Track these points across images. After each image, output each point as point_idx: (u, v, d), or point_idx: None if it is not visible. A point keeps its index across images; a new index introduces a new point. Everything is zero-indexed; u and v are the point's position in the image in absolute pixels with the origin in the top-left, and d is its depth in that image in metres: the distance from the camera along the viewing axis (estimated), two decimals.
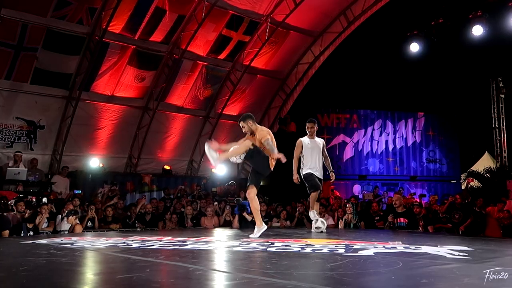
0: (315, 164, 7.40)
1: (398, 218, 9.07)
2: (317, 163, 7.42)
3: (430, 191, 17.05)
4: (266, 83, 16.03)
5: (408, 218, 9.07)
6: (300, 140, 7.52)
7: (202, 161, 15.72)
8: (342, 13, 14.84)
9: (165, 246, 5.35)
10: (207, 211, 10.49)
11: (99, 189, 12.53)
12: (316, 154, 7.43)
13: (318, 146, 7.49)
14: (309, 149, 7.42)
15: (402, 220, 9.06)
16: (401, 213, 9.10)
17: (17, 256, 4.94)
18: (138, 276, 3.41)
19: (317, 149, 7.46)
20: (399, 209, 9.12)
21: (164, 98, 14.22)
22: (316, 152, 7.43)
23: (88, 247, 5.38)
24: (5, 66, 11.67)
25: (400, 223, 9.03)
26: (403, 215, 9.08)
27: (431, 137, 18.23)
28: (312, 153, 7.41)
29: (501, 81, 17.28)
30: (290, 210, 11.03)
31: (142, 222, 10.10)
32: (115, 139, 14.07)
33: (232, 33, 13.92)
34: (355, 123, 17.30)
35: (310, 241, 5.63)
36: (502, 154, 17.27)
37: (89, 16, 11.85)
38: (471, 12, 13.02)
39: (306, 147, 7.42)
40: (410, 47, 14.21)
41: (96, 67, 12.72)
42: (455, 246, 5.00)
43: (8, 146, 12.30)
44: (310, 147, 7.42)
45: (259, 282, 3.19)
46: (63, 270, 3.81)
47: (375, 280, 3.40)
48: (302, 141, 7.49)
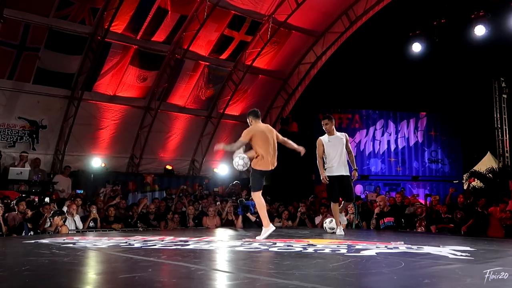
0: (337, 160, 7.11)
1: (385, 217, 9.27)
2: (339, 159, 7.12)
3: (432, 191, 17.01)
4: (268, 83, 16.03)
5: (395, 216, 9.31)
6: (319, 139, 7.27)
7: (204, 161, 15.74)
8: (344, 13, 14.82)
9: (167, 246, 5.36)
10: (209, 211, 10.48)
11: (101, 189, 12.53)
12: (337, 150, 7.14)
13: (341, 141, 7.18)
14: (329, 146, 7.17)
15: (389, 219, 9.25)
16: (387, 213, 9.38)
17: (19, 256, 4.95)
18: (140, 275, 3.41)
19: (339, 145, 7.15)
20: (384, 209, 9.40)
21: (166, 98, 14.23)
22: (338, 148, 7.14)
23: (90, 246, 5.39)
24: (8, 66, 11.68)
25: (387, 222, 9.22)
26: (389, 214, 9.32)
27: (433, 137, 18.21)
28: (333, 149, 7.14)
29: (504, 81, 17.28)
30: (292, 210, 11.02)
31: (144, 222, 10.10)
32: (117, 139, 14.08)
33: (234, 33, 13.92)
34: (357, 123, 17.28)
35: (312, 241, 5.64)
36: (505, 154, 17.25)
37: (91, 16, 11.86)
38: (474, 12, 12.99)
39: (327, 145, 7.19)
40: (413, 47, 14.18)
41: (98, 67, 12.74)
42: (458, 246, 5.00)
43: (11, 146, 12.32)
44: (331, 144, 7.17)
45: (261, 282, 3.19)
46: (65, 270, 3.82)
47: (378, 280, 3.39)
48: (321, 140, 7.25)
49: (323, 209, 10.79)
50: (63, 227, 8.48)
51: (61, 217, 8.50)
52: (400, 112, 18.05)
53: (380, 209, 9.49)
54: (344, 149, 7.16)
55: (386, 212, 9.39)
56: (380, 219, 9.34)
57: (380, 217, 9.35)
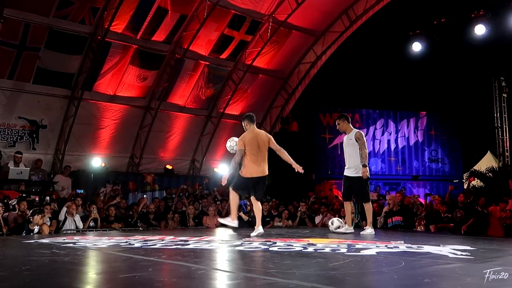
0: (346, 160, 7.20)
1: (393, 217, 9.26)
2: (347, 159, 7.18)
3: (432, 190, 17.02)
4: (268, 83, 16.03)
5: (404, 216, 9.27)
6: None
7: (204, 161, 15.74)
8: (344, 12, 14.83)
9: (167, 246, 5.36)
10: (209, 211, 10.49)
11: (101, 189, 12.53)
12: (345, 151, 7.22)
13: (349, 142, 7.16)
14: (344, 146, 7.30)
15: (397, 218, 9.23)
16: (395, 212, 9.29)
17: (20, 255, 4.95)
18: (140, 275, 3.41)
19: (347, 145, 7.19)
20: (393, 208, 9.37)
21: (166, 98, 14.23)
22: (345, 148, 7.21)
23: (91, 246, 5.39)
24: (8, 65, 11.68)
25: (396, 221, 9.20)
26: (398, 214, 9.29)
27: (433, 136, 18.21)
28: (345, 150, 7.23)
29: (504, 81, 17.29)
30: (292, 209, 11.03)
31: (144, 221, 10.11)
32: (117, 138, 14.09)
33: (234, 33, 13.92)
34: (357, 122, 17.26)
35: (312, 241, 5.63)
36: (505, 154, 17.25)
37: (91, 16, 11.86)
38: (474, 11, 12.98)
39: (343, 145, 7.33)
40: (413, 46, 14.18)
41: (98, 67, 12.74)
42: (458, 245, 5.00)
43: (11, 145, 12.32)
44: (344, 144, 7.27)
45: (261, 281, 3.19)
46: (66, 269, 3.82)
47: (378, 279, 3.40)
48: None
49: (323, 208, 10.80)
50: (43, 226, 8.15)
51: (41, 215, 8.13)
52: (400, 112, 18.06)
53: (389, 208, 9.47)
54: (352, 149, 7.09)
55: (395, 211, 9.36)
56: (389, 217, 9.33)
57: (389, 216, 9.34)
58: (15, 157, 11.49)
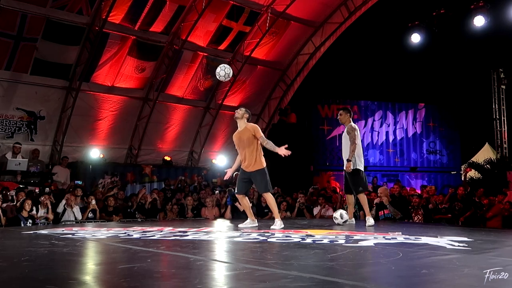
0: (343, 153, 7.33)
1: (384, 209, 9.29)
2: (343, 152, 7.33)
3: (430, 182, 17.07)
4: (266, 74, 15.97)
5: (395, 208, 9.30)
6: None
7: (202, 152, 15.74)
8: (343, 3, 14.73)
9: (166, 237, 5.38)
10: (207, 202, 10.51)
11: (100, 180, 12.54)
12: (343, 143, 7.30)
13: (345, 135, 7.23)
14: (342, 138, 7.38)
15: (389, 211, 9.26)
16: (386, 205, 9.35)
17: (19, 246, 4.96)
18: (139, 266, 3.43)
19: (344, 137, 7.26)
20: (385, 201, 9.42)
21: (164, 89, 14.19)
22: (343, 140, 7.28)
23: (89, 237, 5.41)
24: (5, 56, 11.61)
25: (387, 214, 9.24)
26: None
27: (432, 128, 18.23)
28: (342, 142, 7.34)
29: (502, 72, 17.24)
30: (291, 201, 11.06)
31: (142, 212, 10.12)
32: (116, 130, 14.05)
33: (232, 24, 13.85)
34: (355, 114, 17.24)
35: (311, 232, 5.66)
36: (503, 145, 17.26)
37: (89, 6, 11.77)
38: (473, 3, 12.97)
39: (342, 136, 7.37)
40: (412, 37, 14.14)
41: (96, 58, 12.67)
42: (455, 237, 5.03)
43: (9, 136, 12.29)
44: (343, 137, 7.33)
45: (259, 272, 3.21)
46: (65, 260, 3.83)
47: (375, 270, 3.42)
48: None
49: (322, 200, 10.83)
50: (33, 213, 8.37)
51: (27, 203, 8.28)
52: (398, 103, 18.05)
53: (380, 200, 9.50)
54: (346, 142, 7.14)
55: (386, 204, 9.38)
56: (380, 210, 9.37)
57: (380, 209, 9.38)
58: (14, 147, 11.47)
